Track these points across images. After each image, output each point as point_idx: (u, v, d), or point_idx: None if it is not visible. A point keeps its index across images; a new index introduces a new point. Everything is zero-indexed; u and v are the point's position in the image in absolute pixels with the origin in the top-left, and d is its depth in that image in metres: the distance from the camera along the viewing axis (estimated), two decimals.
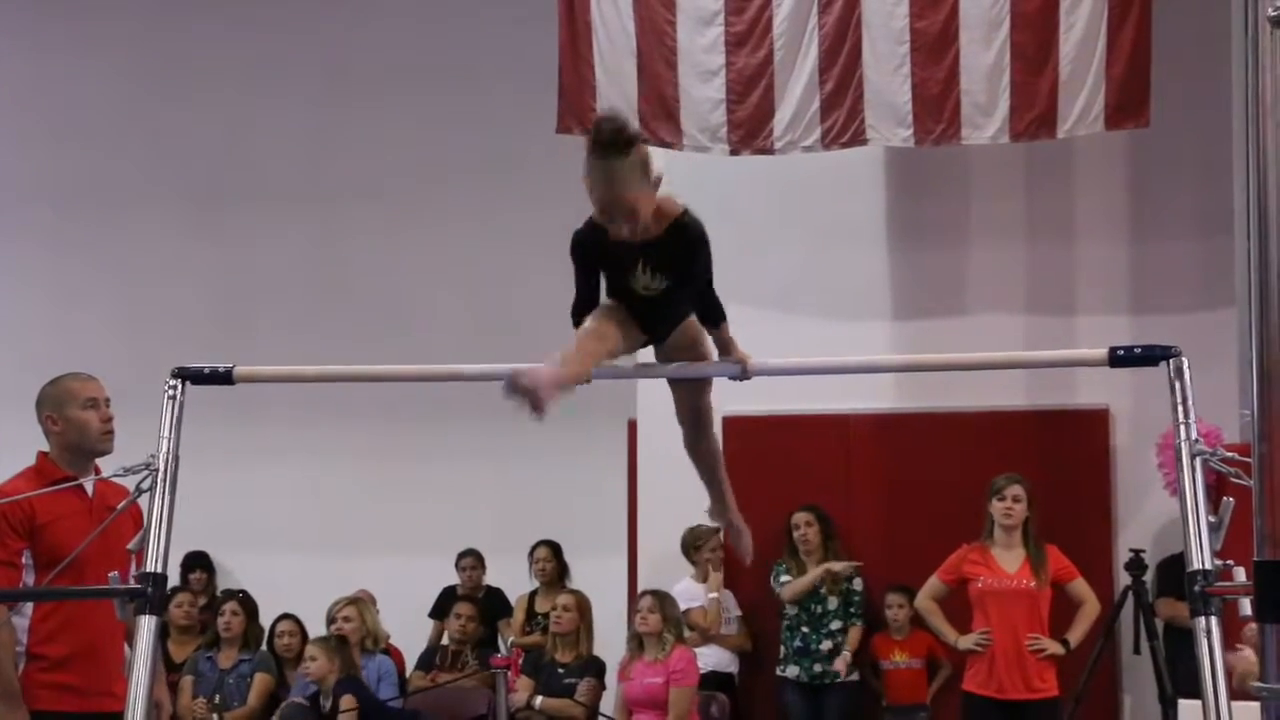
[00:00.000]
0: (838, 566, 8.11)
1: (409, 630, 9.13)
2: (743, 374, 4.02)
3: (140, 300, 10.77)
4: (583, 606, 8.27)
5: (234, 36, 10.72)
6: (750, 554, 4.88)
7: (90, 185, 10.84)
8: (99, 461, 4.95)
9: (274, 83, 10.66)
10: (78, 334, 10.16)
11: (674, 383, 4.29)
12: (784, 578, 8.18)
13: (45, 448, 4.98)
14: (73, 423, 4.91)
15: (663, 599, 7.71)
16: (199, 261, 10.80)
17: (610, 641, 8.37)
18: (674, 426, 4.34)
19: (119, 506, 4.03)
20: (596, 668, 8.17)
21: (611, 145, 3.63)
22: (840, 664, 8.05)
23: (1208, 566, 3.47)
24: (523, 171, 10.05)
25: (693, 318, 4.08)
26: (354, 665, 7.86)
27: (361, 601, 8.42)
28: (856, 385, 8.07)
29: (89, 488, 4.83)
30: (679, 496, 4.30)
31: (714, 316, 3.95)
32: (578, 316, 3.93)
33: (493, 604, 9.35)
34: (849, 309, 8.72)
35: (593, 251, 3.84)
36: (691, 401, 4.30)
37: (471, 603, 8.95)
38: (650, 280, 3.85)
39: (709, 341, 4.10)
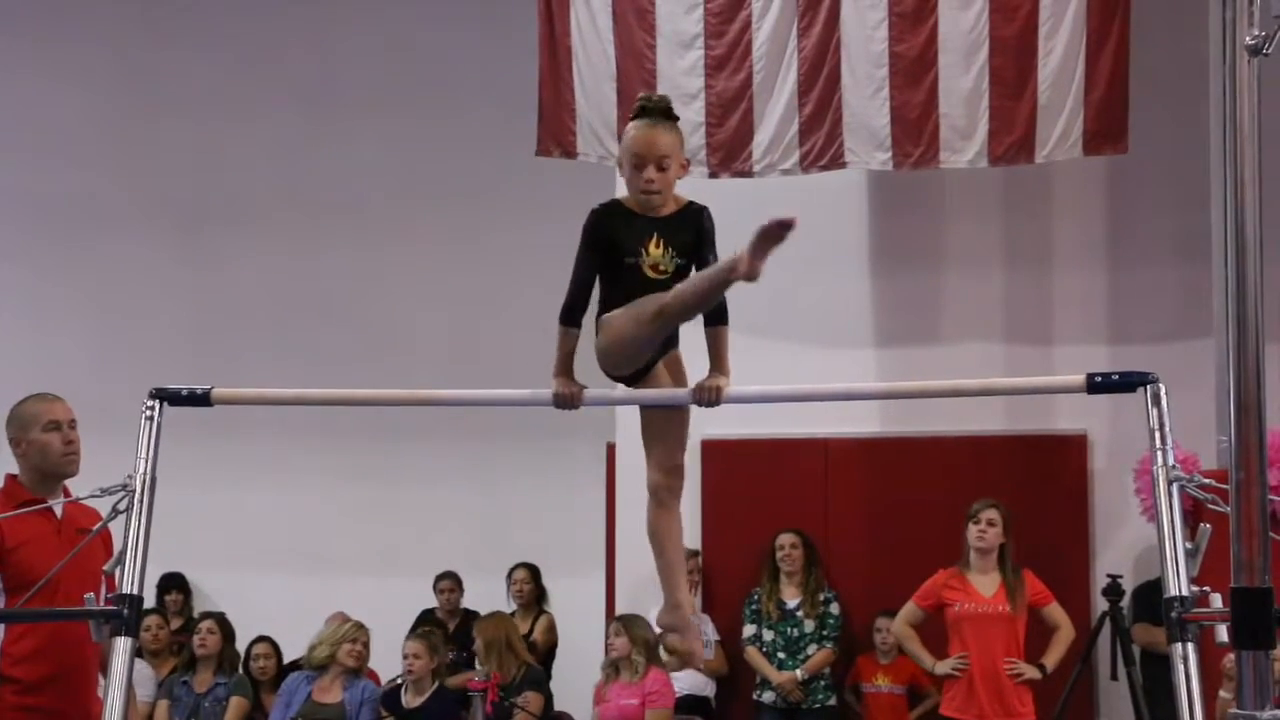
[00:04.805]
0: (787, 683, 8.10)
1: (387, 653, 9.07)
2: (700, 399, 4.02)
3: (118, 321, 10.71)
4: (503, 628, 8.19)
5: (212, 58, 10.69)
6: (700, 659, 4.88)
7: (67, 207, 10.78)
8: (73, 482, 4.91)
9: (252, 104, 10.63)
10: (55, 355, 10.08)
11: (653, 436, 4.22)
12: (753, 613, 8.19)
13: (15, 470, 4.95)
14: (35, 445, 4.86)
15: (629, 622, 7.68)
16: (177, 282, 10.75)
17: (588, 664, 8.33)
18: None
19: (94, 529, 4.01)
20: (534, 679, 8.08)
21: (659, 111, 4.00)
22: (786, 677, 8.03)
23: (1184, 593, 3.48)
24: (503, 194, 10.05)
25: (679, 356, 4.14)
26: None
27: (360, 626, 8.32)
28: (836, 409, 8.07)
29: (58, 510, 4.79)
30: None
31: (718, 314, 4.02)
32: (569, 311, 3.98)
33: (470, 627, 9.28)
34: (829, 334, 8.72)
35: (611, 225, 3.98)
36: (671, 459, 4.23)
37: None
38: (662, 256, 3.96)
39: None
